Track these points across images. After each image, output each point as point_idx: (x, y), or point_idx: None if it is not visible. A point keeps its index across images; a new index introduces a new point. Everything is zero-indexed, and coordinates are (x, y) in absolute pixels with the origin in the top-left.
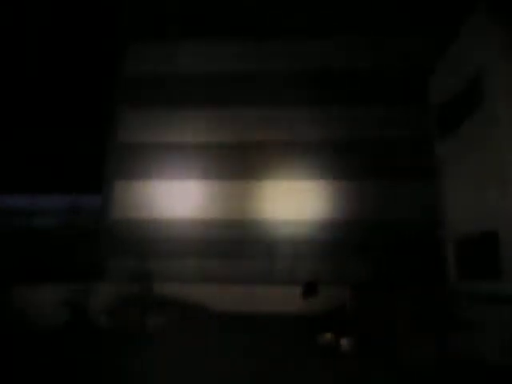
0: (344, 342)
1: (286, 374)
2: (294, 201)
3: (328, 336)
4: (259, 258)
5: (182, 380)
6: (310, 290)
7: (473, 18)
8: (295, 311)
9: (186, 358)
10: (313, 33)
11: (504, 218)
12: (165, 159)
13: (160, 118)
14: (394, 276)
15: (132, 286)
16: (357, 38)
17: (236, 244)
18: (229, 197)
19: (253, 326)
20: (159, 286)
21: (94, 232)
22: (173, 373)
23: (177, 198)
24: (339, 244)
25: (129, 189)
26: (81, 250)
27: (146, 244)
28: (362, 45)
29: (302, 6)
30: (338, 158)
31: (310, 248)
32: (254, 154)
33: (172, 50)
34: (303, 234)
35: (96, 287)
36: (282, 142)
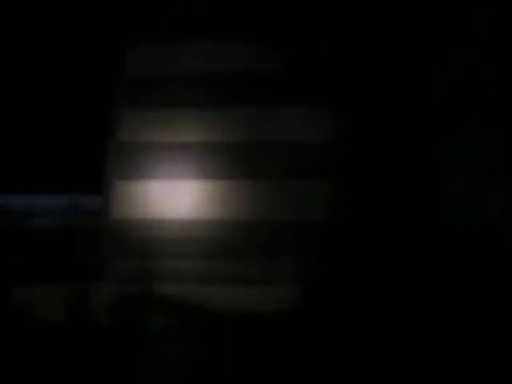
0: None
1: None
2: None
3: None
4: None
5: (182, 380)
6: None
7: (473, 20)
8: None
9: (186, 359)
10: (312, 33)
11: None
12: (165, 159)
13: (160, 118)
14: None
15: (132, 286)
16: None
17: (236, 244)
18: (229, 197)
19: (252, 327)
20: (159, 286)
21: (94, 232)
22: (172, 373)
23: (177, 198)
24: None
25: (128, 189)
26: (81, 250)
27: (146, 244)
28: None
29: (305, 5)
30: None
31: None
32: (256, 154)
33: (172, 49)
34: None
35: (96, 287)
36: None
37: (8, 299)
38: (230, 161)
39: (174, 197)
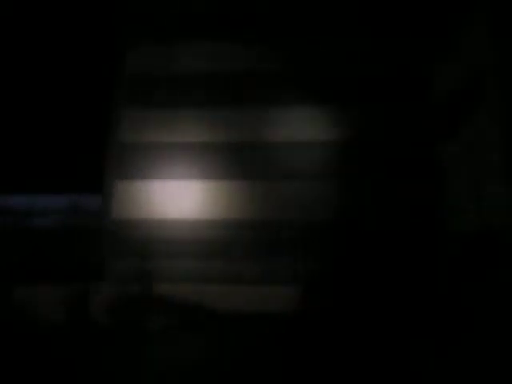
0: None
1: (286, 374)
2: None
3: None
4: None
5: (182, 380)
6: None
7: (473, 20)
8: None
9: (186, 359)
10: (312, 33)
11: (503, 217)
12: (165, 159)
13: (160, 118)
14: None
15: (132, 286)
16: (345, 41)
17: (236, 244)
18: (229, 197)
19: (252, 327)
20: (159, 286)
21: (94, 232)
22: (172, 373)
23: (177, 198)
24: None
25: (129, 189)
26: (81, 250)
27: (146, 244)
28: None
29: (305, 6)
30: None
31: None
32: (256, 154)
33: (172, 49)
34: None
35: (96, 287)
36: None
37: (8, 299)
38: (230, 161)
39: (174, 197)
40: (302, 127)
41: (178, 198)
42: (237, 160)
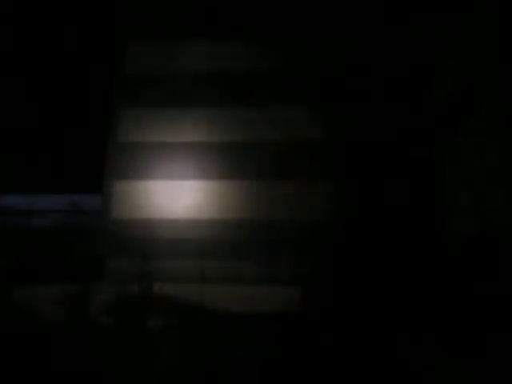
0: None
1: (286, 374)
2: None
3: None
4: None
5: (181, 380)
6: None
7: (472, 18)
8: (293, 312)
9: (186, 359)
10: (312, 32)
11: (504, 217)
12: (165, 159)
13: (160, 118)
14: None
15: (132, 286)
16: (350, 38)
17: (236, 244)
18: (229, 197)
19: (252, 327)
20: (159, 286)
21: (94, 232)
22: (172, 373)
23: (177, 198)
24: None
25: (128, 189)
26: (81, 250)
27: (146, 244)
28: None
29: (305, 5)
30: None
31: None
32: (256, 154)
33: (172, 49)
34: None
35: (96, 287)
36: (284, 142)
37: (8, 299)
38: (230, 161)
39: (174, 197)
40: (301, 127)
41: (177, 197)
42: (237, 160)
